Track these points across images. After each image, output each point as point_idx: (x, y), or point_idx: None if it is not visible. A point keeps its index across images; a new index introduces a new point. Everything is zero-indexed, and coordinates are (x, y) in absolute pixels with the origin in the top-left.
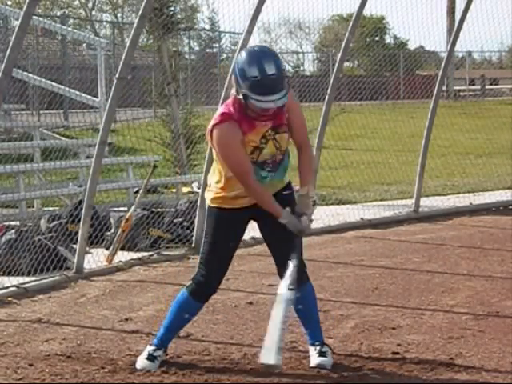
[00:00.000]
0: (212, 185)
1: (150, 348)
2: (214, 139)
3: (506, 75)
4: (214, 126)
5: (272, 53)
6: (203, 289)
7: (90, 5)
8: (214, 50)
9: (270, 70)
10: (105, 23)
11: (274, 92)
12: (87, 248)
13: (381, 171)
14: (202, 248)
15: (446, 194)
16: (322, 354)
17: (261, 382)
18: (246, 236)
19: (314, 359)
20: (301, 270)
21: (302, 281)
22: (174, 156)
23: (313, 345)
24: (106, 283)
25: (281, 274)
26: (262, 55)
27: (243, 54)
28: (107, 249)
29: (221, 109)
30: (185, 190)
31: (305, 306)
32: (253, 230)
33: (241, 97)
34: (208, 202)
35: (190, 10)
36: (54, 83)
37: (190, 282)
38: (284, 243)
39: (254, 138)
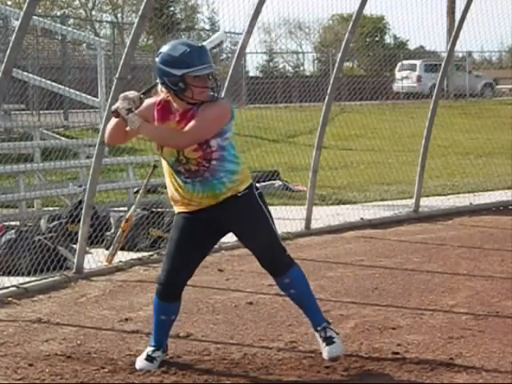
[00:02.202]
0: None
1: (148, 349)
2: None
3: (506, 75)
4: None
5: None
6: (164, 288)
7: (90, 5)
8: (214, 50)
9: (195, 44)
10: (105, 23)
11: (208, 60)
12: (87, 248)
13: (381, 171)
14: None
15: (446, 194)
16: (328, 340)
17: (261, 382)
18: None
19: (323, 351)
20: (276, 257)
21: (284, 267)
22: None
23: (316, 331)
24: (106, 283)
25: (270, 273)
26: (178, 41)
27: (164, 50)
28: (107, 249)
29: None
30: None
31: (296, 289)
32: None
33: (176, 88)
34: None
35: (190, 10)
36: (54, 83)
37: (156, 285)
38: (253, 239)
39: None
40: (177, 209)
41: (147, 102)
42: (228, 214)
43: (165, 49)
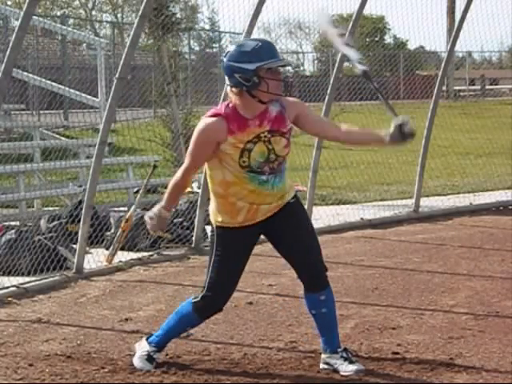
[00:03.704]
0: (213, 205)
1: (150, 349)
2: (197, 127)
3: (506, 75)
4: (204, 118)
5: None
6: (210, 309)
7: (90, 5)
8: (214, 50)
9: (263, 39)
10: (105, 23)
11: (278, 54)
12: (87, 248)
13: (381, 171)
14: (211, 267)
15: (446, 194)
16: (350, 360)
17: (261, 382)
18: None
19: (346, 367)
20: (321, 272)
21: (324, 284)
22: (173, 156)
23: (335, 352)
24: (106, 283)
25: (308, 287)
26: (247, 39)
27: (233, 49)
28: (107, 249)
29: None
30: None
31: (328, 308)
32: None
33: (249, 84)
34: (213, 222)
35: (190, 10)
36: (54, 83)
37: (198, 299)
38: (297, 244)
39: (243, 138)
40: (244, 223)
41: (215, 121)
42: (280, 221)
43: (233, 47)
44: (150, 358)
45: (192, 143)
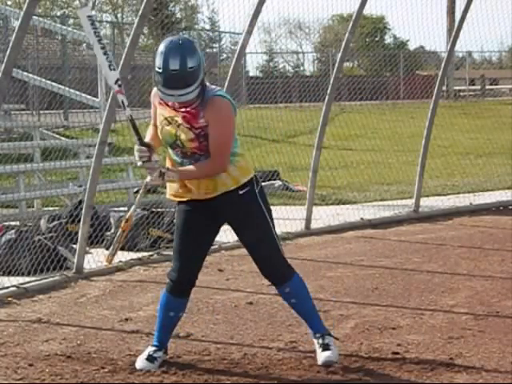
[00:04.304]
0: None
1: (150, 349)
2: None
3: (506, 75)
4: None
5: (184, 47)
6: (177, 284)
7: (90, 5)
8: (214, 50)
9: (174, 65)
10: (105, 23)
11: (175, 87)
12: (87, 248)
13: (381, 171)
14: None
15: (446, 194)
16: (324, 347)
17: (261, 382)
18: None
19: (319, 356)
20: (275, 268)
21: (283, 278)
22: None
23: (315, 337)
24: (106, 283)
25: (264, 275)
26: (172, 48)
27: (160, 45)
28: (107, 249)
29: None
30: None
31: (297, 298)
32: None
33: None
34: None
35: (190, 9)
36: (54, 83)
37: (167, 280)
38: (245, 242)
39: (163, 112)
40: (175, 197)
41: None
42: (226, 212)
43: (160, 45)
44: (150, 358)
45: None
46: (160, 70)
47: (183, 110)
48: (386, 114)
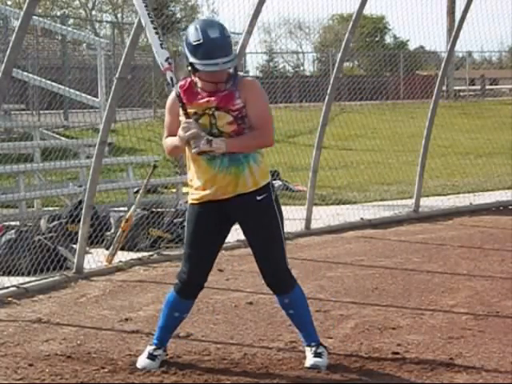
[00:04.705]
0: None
1: (150, 348)
2: None
3: (506, 75)
4: None
5: (217, 21)
6: (187, 286)
7: (90, 5)
8: None
9: (214, 33)
10: (105, 23)
11: (219, 56)
12: (87, 248)
13: (381, 171)
14: (184, 243)
15: (446, 194)
16: (317, 354)
17: (261, 382)
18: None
19: (309, 360)
20: (280, 279)
21: (284, 289)
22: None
23: (309, 346)
24: (106, 283)
25: (267, 282)
26: (206, 23)
27: (189, 27)
28: (107, 249)
29: None
30: (185, 189)
31: (295, 310)
32: None
33: (189, 69)
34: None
35: (190, 9)
36: (54, 83)
37: (176, 281)
38: (255, 248)
39: (190, 110)
40: (192, 197)
41: (173, 93)
42: (241, 215)
43: (189, 29)
44: (150, 356)
45: None
46: (200, 41)
47: (218, 94)
48: (386, 114)
